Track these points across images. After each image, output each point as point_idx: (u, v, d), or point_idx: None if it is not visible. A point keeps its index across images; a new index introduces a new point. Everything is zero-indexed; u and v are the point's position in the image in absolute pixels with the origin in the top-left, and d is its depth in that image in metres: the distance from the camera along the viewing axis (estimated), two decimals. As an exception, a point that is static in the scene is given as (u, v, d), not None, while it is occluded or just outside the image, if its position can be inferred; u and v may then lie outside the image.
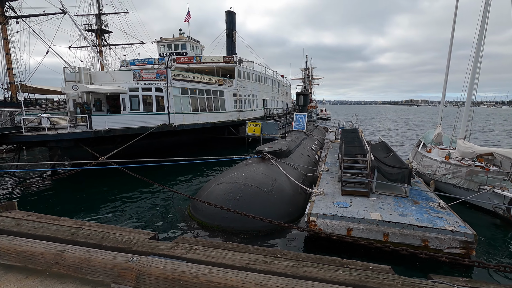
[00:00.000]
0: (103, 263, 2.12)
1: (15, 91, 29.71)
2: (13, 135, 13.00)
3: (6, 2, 28.21)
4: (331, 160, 15.11)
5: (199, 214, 9.11)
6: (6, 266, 2.36)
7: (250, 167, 10.91)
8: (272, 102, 37.52)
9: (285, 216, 8.83)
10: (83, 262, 2.17)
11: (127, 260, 2.13)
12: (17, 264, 2.31)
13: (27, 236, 2.96)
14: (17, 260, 2.33)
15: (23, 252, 2.31)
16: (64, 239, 2.98)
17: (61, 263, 2.23)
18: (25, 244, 2.38)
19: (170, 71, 19.14)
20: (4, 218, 3.46)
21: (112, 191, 13.18)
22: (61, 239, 2.99)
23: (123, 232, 3.27)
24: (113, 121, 16.19)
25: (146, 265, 2.06)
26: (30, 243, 2.40)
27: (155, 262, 2.11)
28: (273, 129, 17.88)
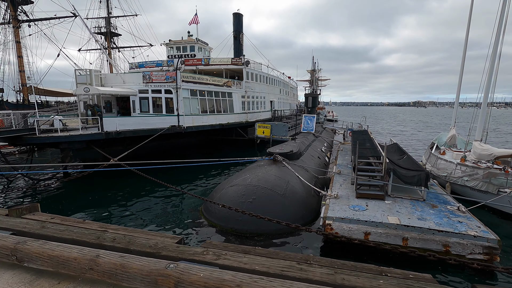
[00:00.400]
0: (140, 270, 2.05)
1: (26, 93, 30.22)
2: (26, 137, 13.16)
3: (19, 6, 28.76)
4: (342, 162, 14.93)
5: (212, 216, 9.04)
6: (38, 271, 2.31)
7: (262, 169, 10.82)
8: (279, 103, 37.40)
9: (299, 219, 8.71)
10: (118, 268, 2.11)
11: (164, 266, 2.06)
12: (50, 269, 2.26)
13: (53, 239, 2.92)
14: (50, 265, 2.28)
15: (56, 257, 2.25)
16: (90, 242, 2.93)
17: (95, 269, 2.17)
18: (58, 249, 2.32)
19: (179, 73, 19.21)
20: (28, 221, 3.42)
21: (123, 192, 13.22)
22: (87, 242, 2.94)
23: (149, 236, 3.20)
24: (124, 123, 16.29)
25: (185, 272, 1.99)
26: (63, 247, 2.35)
27: (194, 269, 2.03)
28: (283, 131, 17.77)
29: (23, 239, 2.48)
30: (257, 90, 29.22)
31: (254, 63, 28.79)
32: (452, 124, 16.81)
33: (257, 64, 29.71)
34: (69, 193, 13.01)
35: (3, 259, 2.42)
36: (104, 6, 39.22)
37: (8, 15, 28.59)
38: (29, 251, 2.34)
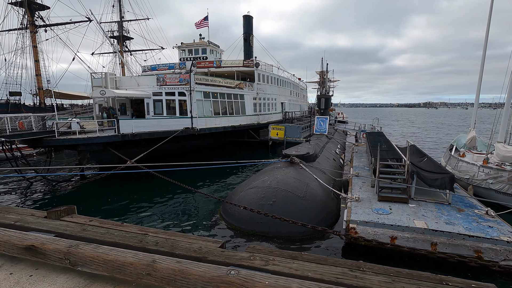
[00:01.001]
0: (200, 276, 1.99)
1: (43, 97, 30.92)
2: (46, 139, 13.40)
3: (36, 12, 29.53)
4: (358, 164, 14.70)
5: (231, 219, 8.99)
6: (91, 275, 2.28)
7: (280, 171, 10.73)
8: (290, 105, 37.27)
9: (320, 222, 8.56)
10: (177, 274, 2.05)
11: (225, 273, 2.00)
12: (104, 274, 2.23)
13: (97, 242, 2.90)
14: (105, 269, 2.25)
15: (111, 261, 2.22)
16: (134, 246, 2.89)
17: (153, 274, 2.12)
18: (112, 253, 2.29)
19: (193, 75, 19.32)
20: (68, 223, 3.41)
21: (140, 194, 13.31)
22: (131, 246, 2.90)
23: (190, 239, 3.15)
24: (139, 125, 16.46)
25: (248, 280, 1.91)
26: (117, 251, 2.32)
27: (257, 276, 1.96)
28: (297, 133, 17.64)
29: (75, 242, 2.46)
30: (268, 92, 29.17)
31: (265, 65, 28.78)
32: (471, 125, 16.37)
33: (268, 66, 29.69)
34: (87, 195, 13.18)
35: (55, 262, 2.40)
36: (117, 10, 39.94)
37: (25, 21, 29.38)
38: (82, 255, 2.31)
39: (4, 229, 2.75)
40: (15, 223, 3.36)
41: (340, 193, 10.01)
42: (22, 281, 2.24)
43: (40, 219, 3.50)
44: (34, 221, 3.37)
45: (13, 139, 12.23)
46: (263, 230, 8.21)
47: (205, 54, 27.73)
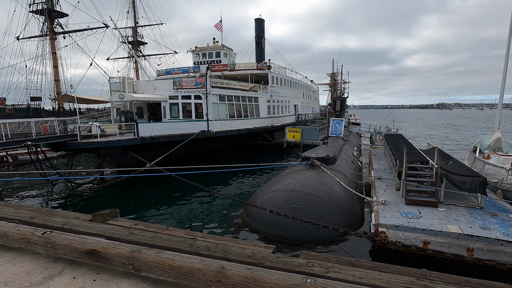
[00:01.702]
0: (275, 284, 1.93)
1: (61, 101, 31.78)
2: (69, 142, 13.71)
3: (55, 19, 30.46)
4: (379, 167, 14.41)
5: (254, 222, 8.92)
6: (154, 280, 2.25)
7: (301, 174, 10.61)
8: (302, 107, 37.08)
9: (346, 225, 8.39)
10: (250, 282, 1.99)
11: (301, 281, 1.93)
12: (170, 280, 2.20)
13: (146, 246, 2.88)
14: (171, 275, 2.21)
15: (178, 267, 2.18)
16: (186, 250, 2.85)
17: (223, 281, 2.07)
18: (177, 258, 2.26)
19: (209, 79, 19.46)
20: (114, 227, 3.41)
21: (159, 196, 13.43)
22: (182, 250, 2.86)
23: (240, 244, 3.09)
24: (157, 128, 16.65)
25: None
26: (181, 257, 2.28)
27: (335, 285, 1.88)
28: (314, 135, 17.48)
29: (137, 247, 2.44)
30: (282, 94, 29.10)
31: (279, 67, 28.76)
32: (495, 126, 15.82)
33: (281, 69, 29.65)
34: (108, 197, 13.37)
35: (118, 267, 2.38)
36: (131, 16, 40.78)
37: (45, 28, 30.34)
38: (147, 260, 2.28)
39: (63, 232, 2.76)
40: (62, 226, 3.39)
41: (364, 196, 9.80)
42: (87, 285, 2.22)
43: (86, 222, 3.51)
44: (81, 224, 3.39)
45: (38, 143, 12.55)
46: (288, 233, 8.10)
47: (219, 57, 27.93)
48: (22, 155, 20.50)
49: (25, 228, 2.84)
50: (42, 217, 3.64)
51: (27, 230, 2.79)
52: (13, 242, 2.81)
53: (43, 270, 2.53)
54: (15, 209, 4.02)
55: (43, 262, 2.66)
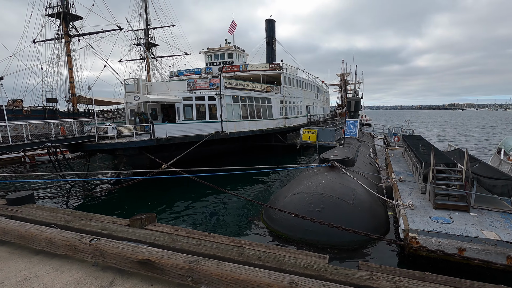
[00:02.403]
0: (357, 303, 1.76)
1: (75, 103, 32.28)
2: (87, 143, 13.80)
3: (70, 22, 30.99)
4: (399, 169, 14.02)
5: (277, 225, 8.72)
6: (217, 293, 2.11)
7: (322, 176, 10.37)
8: (314, 108, 36.72)
9: (371, 230, 8.11)
10: (329, 298, 1.83)
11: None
12: (234, 294, 2.05)
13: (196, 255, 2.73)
14: (237, 289, 2.07)
15: (243, 281, 2.02)
16: (236, 259, 2.69)
17: (297, 299, 1.91)
18: (241, 271, 2.09)
19: (223, 80, 19.38)
20: (155, 232, 3.28)
21: (174, 197, 13.37)
22: (232, 259, 2.70)
23: (291, 253, 2.91)
24: (172, 130, 16.64)
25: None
26: (245, 269, 2.13)
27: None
28: (330, 136, 17.18)
29: (194, 257, 2.29)
30: (294, 95, 28.85)
31: (291, 68, 28.54)
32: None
33: (293, 69, 29.41)
34: (125, 198, 13.37)
35: (174, 279, 2.24)
36: (143, 18, 41.20)
37: (60, 31, 30.90)
38: (208, 272, 2.12)
39: (111, 240, 2.63)
40: (102, 231, 3.27)
41: (389, 199, 9.50)
42: (142, 298, 2.08)
43: (124, 227, 3.39)
44: (120, 230, 3.26)
45: (58, 144, 12.65)
46: (312, 237, 7.88)
47: (231, 58, 27.88)
48: (39, 156, 20.84)
49: (70, 235, 2.72)
50: (78, 221, 3.53)
51: (73, 237, 2.67)
52: (58, 249, 2.70)
53: (93, 280, 2.40)
54: (49, 212, 3.93)
55: (91, 271, 2.53)
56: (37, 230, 2.83)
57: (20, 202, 4.20)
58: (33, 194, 4.47)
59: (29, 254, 2.80)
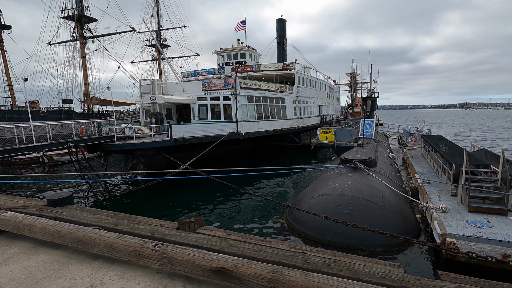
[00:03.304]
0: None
1: (89, 104, 32.72)
2: (106, 144, 13.87)
3: (85, 24, 31.44)
4: (422, 170, 13.64)
5: (303, 227, 8.52)
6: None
7: (346, 178, 10.12)
8: (326, 108, 36.34)
9: (404, 233, 7.83)
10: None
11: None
12: (327, 308, 1.89)
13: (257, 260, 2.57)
14: (328, 304, 1.91)
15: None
16: (304, 267, 2.51)
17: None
18: (333, 283, 1.93)
19: (238, 80, 19.28)
20: (208, 237, 3.13)
21: (191, 197, 13.31)
22: (299, 266, 2.54)
23: (360, 261, 2.71)
24: (189, 130, 16.61)
25: None
26: (336, 281, 1.96)
27: None
28: (348, 136, 16.88)
29: (275, 267, 2.13)
30: (307, 95, 28.57)
31: (304, 67, 28.28)
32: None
33: (306, 69, 29.14)
34: (144, 199, 13.35)
35: (256, 291, 2.09)
36: (155, 20, 41.52)
37: (75, 33, 31.38)
38: (294, 283, 1.94)
39: (177, 246, 2.50)
40: (152, 234, 3.13)
41: (419, 202, 9.19)
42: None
43: (174, 230, 3.24)
44: (171, 233, 3.12)
45: (79, 144, 12.74)
46: (342, 240, 7.66)
47: (244, 58, 27.78)
48: (57, 156, 21.12)
49: (132, 239, 2.60)
50: (125, 223, 3.41)
51: (136, 242, 2.55)
52: (120, 254, 2.57)
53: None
54: (93, 214, 3.82)
55: (157, 278, 2.40)
56: (96, 234, 2.72)
57: (61, 203, 4.11)
58: (72, 195, 4.39)
59: (87, 258, 2.69)
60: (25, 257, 2.72)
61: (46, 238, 2.96)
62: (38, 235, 2.98)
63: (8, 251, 2.84)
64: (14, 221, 3.15)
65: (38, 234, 2.98)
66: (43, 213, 3.73)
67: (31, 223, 3.04)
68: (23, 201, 4.39)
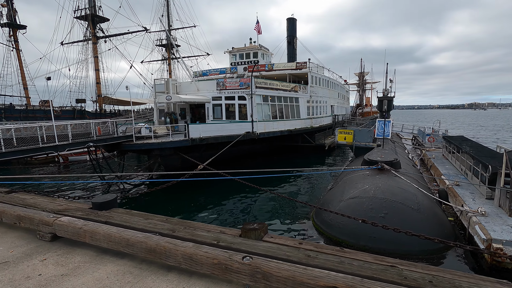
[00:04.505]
0: None
1: (101, 103, 32.84)
2: (125, 144, 13.76)
3: (97, 24, 31.56)
4: (447, 172, 13.24)
5: (334, 230, 8.24)
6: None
7: (375, 179, 9.80)
8: (337, 108, 35.93)
9: (443, 238, 7.51)
10: None
11: None
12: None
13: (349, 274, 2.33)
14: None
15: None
16: (407, 284, 2.27)
17: None
18: None
19: (254, 79, 19.05)
20: (278, 246, 2.87)
21: (207, 197, 13.13)
22: (396, 282, 2.29)
23: (462, 278, 2.46)
24: (205, 130, 16.44)
25: None
26: None
27: None
28: (367, 137, 16.53)
29: (357, 279, 1.91)
30: (320, 95, 28.22)
31: (317, 67, 27.94)
32: None
33: (319, 68, 28.80)
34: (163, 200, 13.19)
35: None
36: (165, 20, 41.47)
37: (88, 33, 31.53)
38: None
39: (269, 259, 2.26)
40: (218, 242, 2.90)
41: (453, 205, 8.84)
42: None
43: (238, 238, 2.99)
44: (237, 241, 2.87)
45: (98, 144, 12.65)
46: (377, 245, 7.37)
47: (256, 58, 27.55)
48: (72, 156, 21.16)
49: (214, 250, 2.37)
50: (182, 229, 3.17)
51: (220, 254, 2.31)
52: (201, 267, 2.34)
53: (260, 307, 2.02)
54: (144, 218, 3.60)
55: (248, 295, 2.17)
56: (170, 243, 2.50)
57: (106, 207, 3.90)
58: (117, 198, 4.19)
59: (160, 270, 2.47)
60: (92, 267, 2.50)
61: (110, 246, 2.75)
62: (102, 243, 2.77)
63: (71, 260, 2.63)
64: (73, 227, 2.95)
65: (102, 242, 2.77)
66: (90, 217, 3.51)
67: (93, 230, 2.83)
68: (65, 204, 4.19)
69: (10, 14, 27.67)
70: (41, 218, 3.23)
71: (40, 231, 3.18)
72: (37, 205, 4.04)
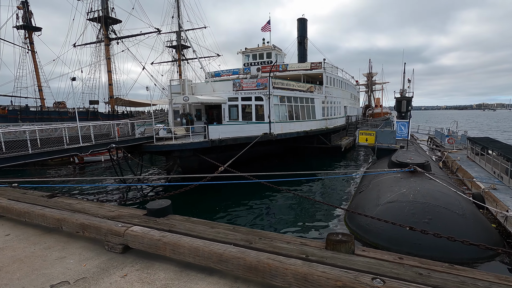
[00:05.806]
0: None
1: (113, 105, 32.90)
2: (145, 145, 13.58)
3: (110, 26, 31.66)
4: (478, 175, 12.76)
5: (373, 237, 7.88)
6: None
7: (409, 183, 9.41)
8: (350, 109, 35.47)
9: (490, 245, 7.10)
10: None
11: None
12: None
13: None
14: None
15: None
16: None
17: None
18: None
19: (271, 80, 18.76)
20: (379, 261, 2.56)
21: (228, 200, 12.86)
22: None
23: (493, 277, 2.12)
24: (224, 131, 16.20)
25: None
26: None
27: None
28: (390, 138, 16.10)
29: None
30: (334, 95, 27.83)
31: (332, 67, 27.57)
32: None
33: (334, 68, 28.42)
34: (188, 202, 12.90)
35: None
36: (176, 21, 41.51)
37: (100, 35, 31.65)
38: None
39: (406, 283, 1.95)
40: (307, 256, 2.58)
41: (497, 209, 8.41)
42: None
43: (327, 251, 2.64)
44: (327, 255, 2.52)
45: (120, 145, 12.49)
46: (423, 253, 6.98)
47: (270, 58, 27.29)
48: (87, 156, 21.08)
49: (331, 270, 2.05)
50: (259, 240, 2.85)
51: (343, 274, 1.99)
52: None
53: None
54: (210, 227, 3.28)
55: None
56: (274, 260, 2.19)
57: (163, 213, 3.60)
58: (171, 204, 3.91)
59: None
60: (183, 286, 2.21)
61: (197, 261, 2.45)
62: (187, 257, 2.47)
63: (156, 277, 2.34)
64: (150, 239, 2.66)
65: (187, 256, 2.47)
66: (150, 224, 3.21)
67: (175, 243, 2.53)
68: (116, 209, 3.91)
69: (26, 17, 27.94)
70: (110, 228, 2.94)
71: (109, 242, 2.90)
72: (87, 211, 3.75)
